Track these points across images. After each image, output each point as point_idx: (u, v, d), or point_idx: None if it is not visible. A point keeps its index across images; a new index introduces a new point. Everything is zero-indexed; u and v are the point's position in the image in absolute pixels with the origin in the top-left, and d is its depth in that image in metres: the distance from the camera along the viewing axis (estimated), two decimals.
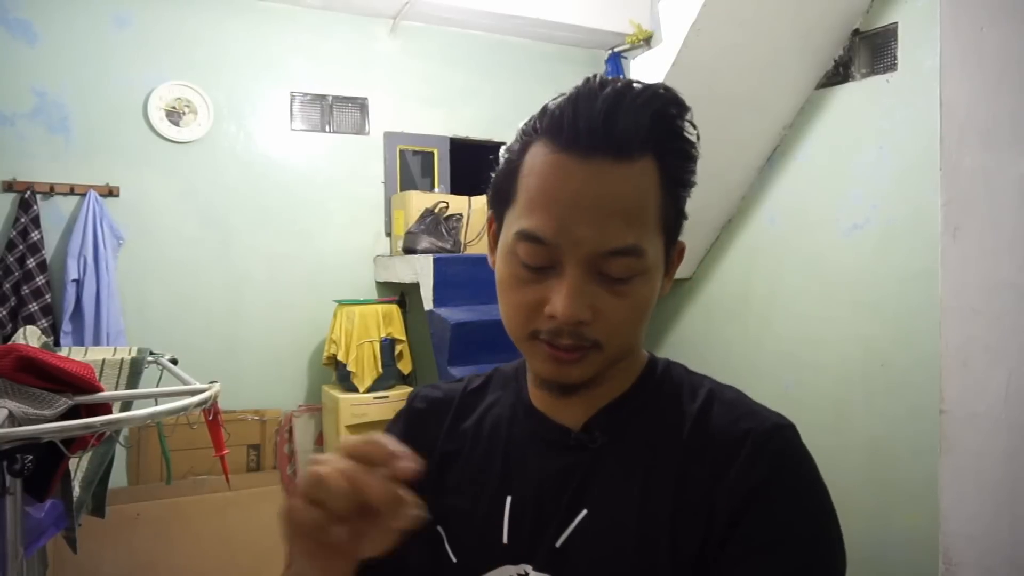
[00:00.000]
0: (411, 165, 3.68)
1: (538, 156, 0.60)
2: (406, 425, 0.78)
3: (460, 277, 3.01)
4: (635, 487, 0.63)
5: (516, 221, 0.61)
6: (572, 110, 0.58)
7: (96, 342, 2.94)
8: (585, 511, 0.64)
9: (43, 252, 2.95)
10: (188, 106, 3.26)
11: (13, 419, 1.34)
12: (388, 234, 3.64)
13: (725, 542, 0.59)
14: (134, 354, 2.07)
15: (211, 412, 1.82)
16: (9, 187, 2.97)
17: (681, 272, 3.46)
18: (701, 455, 0.63)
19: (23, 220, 2.91)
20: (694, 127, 0.63)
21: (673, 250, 0.66)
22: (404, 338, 3.34)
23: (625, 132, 0.57)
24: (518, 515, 0.67)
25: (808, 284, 2.95)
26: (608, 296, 0.60)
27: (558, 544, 0.64)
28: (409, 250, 3.25)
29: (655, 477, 0.63)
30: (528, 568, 0.65)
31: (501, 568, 0.66)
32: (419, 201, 3.36)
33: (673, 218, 0.64)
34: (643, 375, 0.70)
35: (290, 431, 3.43)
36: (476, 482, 0.70)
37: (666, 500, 0.62)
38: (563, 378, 0.63)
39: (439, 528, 0.70)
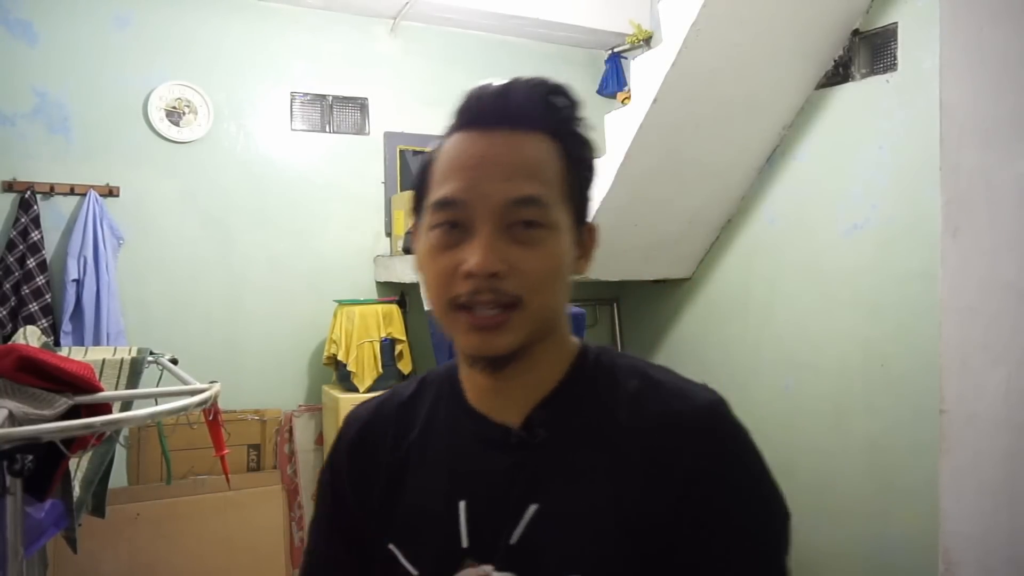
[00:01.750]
0: (411, 165, 3.68)
1: (446, 143, 0.68)
2: (351, 461, 0.77)
3: None
4: (581, 477, 0.65)
5: (431, 199, 0.67)
6: (471, 96, 0.67)
7: (96, 342, 2.94)
8: (535, 506, 0.65)
9: (43, 252, 2.95)
10: (188, 106, 3.26)
11: (13, 419, 1.35)
12: (388, 234, 3.64)
13: (676, 525, 0.62)
14: (134, 354, 2.08)
15: (211, 412, 1.82)
16: (9, 187, 2.97)
17: (681, 272, 3.46)
18: (639, 440, 0.65)
19: (23, 220, 2.91)
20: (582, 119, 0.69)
21: (583, 228, 0.70)
22: (404, 338, 3.34)
23: (520, 107, 0.65)
24: (474, 517, 0.67)
25: (808, 284, 2.95)
26: (520, 250, 0.63)
27: (513, 541, 0.65)
28: (409, 250, 3.25)
29: (599, 466, 0.65)
30: (489, 569, 0.65)
31: (464, 572, 0.66)
32: None
33: (579, 194, 0.69)
34: (575, 364, 0.71)
35: (290, 431, 3.43)
36: (428, 491, 0.71)
37: (611, 487, 0.64)
38: (490, 349, 0.64)
39: (391, 547, 0.71)
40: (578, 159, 0.68)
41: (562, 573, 0.62)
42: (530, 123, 0.65)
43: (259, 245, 3.41)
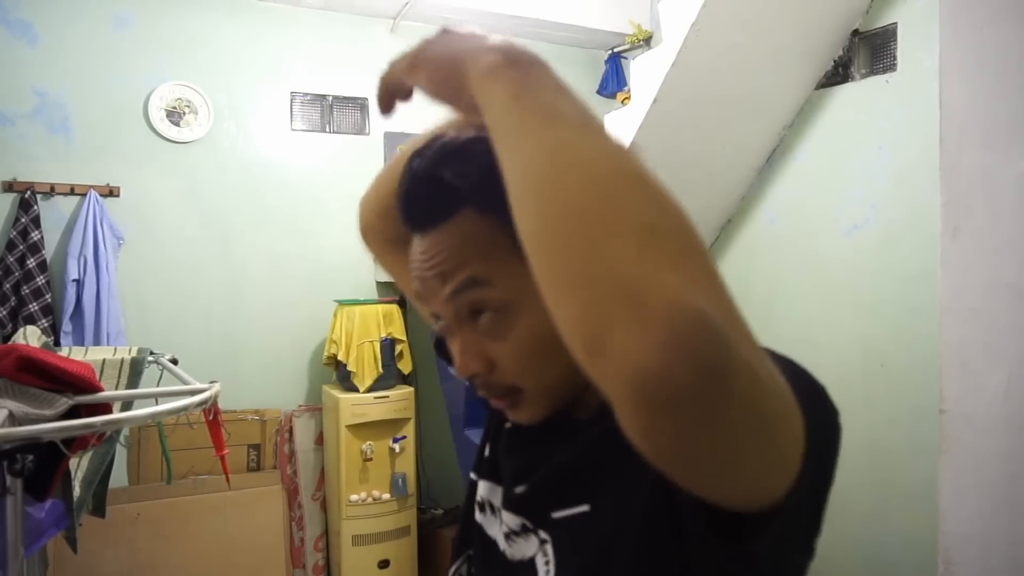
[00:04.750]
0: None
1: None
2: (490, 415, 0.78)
3: None
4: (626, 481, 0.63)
5: None
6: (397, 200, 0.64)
7: (96, 342, 2.94)
8: (587, 506, 0.61)
9: (43, 252, 2.95)
10: (188, 106, 3.26)
11: (13, 419, 1.35)
12: None
13: None
14: (134, 354, 2.08)
15: (211, 412, 1.82)
16: (9, 187, 2.97)
17: None
18: None
19: (23, 220, 2.91)
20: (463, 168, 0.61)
21: None
22: (404, 338, 3.34)
23: (423, 208, 0.62)
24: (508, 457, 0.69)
25: (808, 284, 2.95)
26: (492, 343, 0.60)
27: (518, 490, 0.65)
28: None
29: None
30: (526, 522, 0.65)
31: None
32: None
33: None
34: None
35: (290, 431, 3.43)
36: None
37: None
38: (519, 421, 0.64)
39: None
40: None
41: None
42: (443, 213, 0.60)
43: (259, 245, 3.41)
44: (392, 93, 0.61)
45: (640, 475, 0.45)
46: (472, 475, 0.78)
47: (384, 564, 3.15)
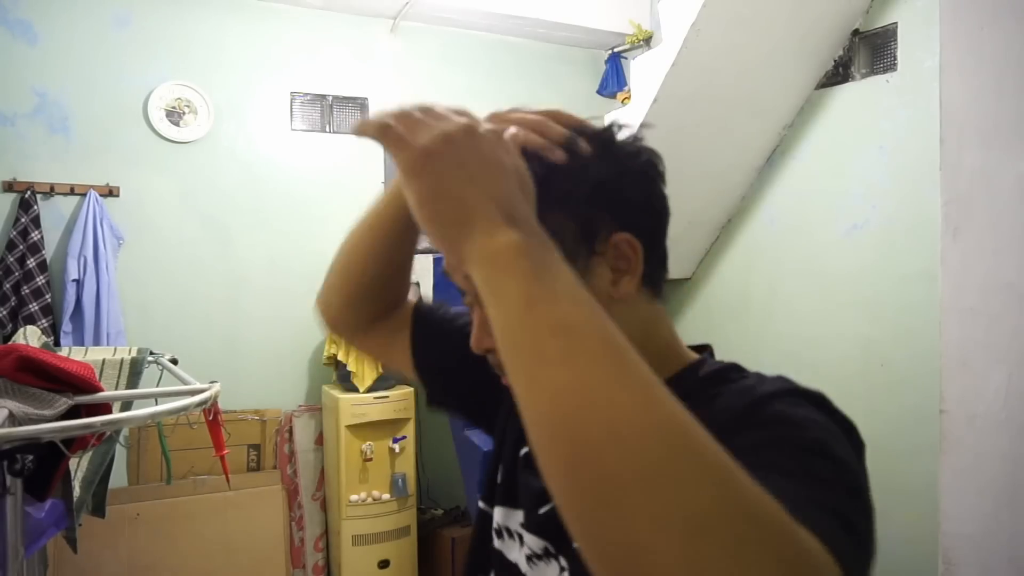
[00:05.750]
0: None
1: None
2: (498, 440, 0.81)
3: None
4: None
5: None
6: None
7: (96, 342, 2.94)
8: None
9: (43, 252, 2.95)
10: (188, 106, 3.26)
11: (13, 419, 1.34)
12: None
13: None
14: (134, 354, 2.07)
15: (211, 412, 1.82)
16: (9, 187, 2.97)
17: (681, 272, 3.46)
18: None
19: (23, 220, 2.91)
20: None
21: (607, 246, 0.60)
22: None
23: None
24: (527, 467, 0.70)
25: (808, 284, 2.95)
26: None
27: (541, 512, 0.66)
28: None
29: None
30: (522, 518, 0.67)
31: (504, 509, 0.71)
32: None
33: (584, 215, 0.60)
34: (673, 378, 0.64)
35: (290, 431, 3.43)
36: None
37: None
38: None
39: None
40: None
41: None
42: None
43: (259, 245, 3.41)
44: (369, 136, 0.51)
45: None
46: (482, 504, 0.78)
47: (384, 564, 3.15)
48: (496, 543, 0.73)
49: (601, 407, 0.38)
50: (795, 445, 0.49)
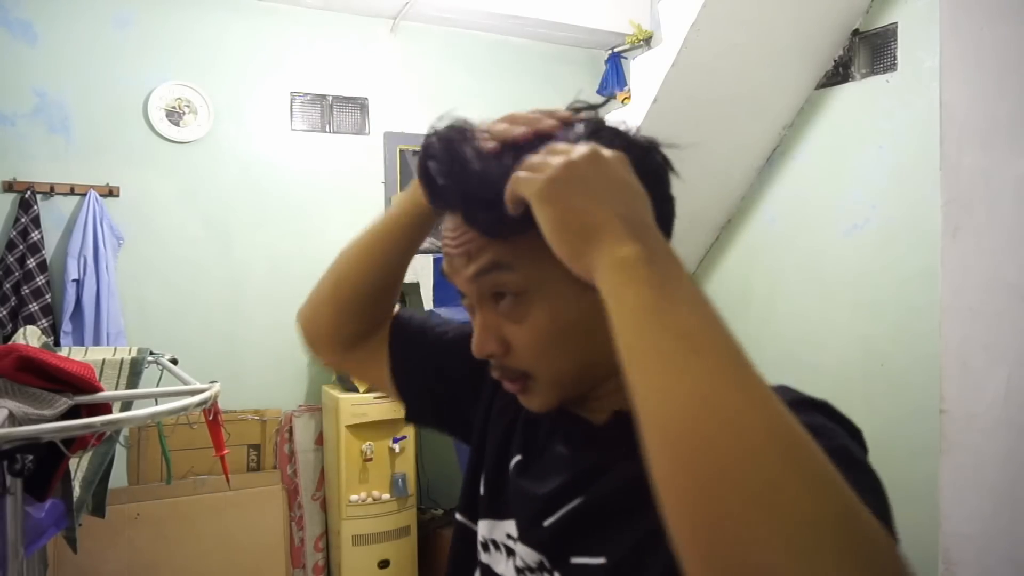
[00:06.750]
0: (411, 165, 3.68)
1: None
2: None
3: None
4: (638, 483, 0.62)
5: None
6: (423, 184, 0.63)
7: (96, 342, 2.94)
8: (580, 499, 0.62)
9: (43, 252, 2.95)
10: (188, 106, 3.26)
11: (13, 419, 1.35)
12: None
13: None
14: (134, 354, 2.08)
15: (211, 412, 1.82)
16: (9, 187, 2.97)
17: None
18: None
19: (23, 220, 2.91)
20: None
21: None
22: None
23: (484, 219, 0.59)
24: (519, 478, 0.69)
25: (808, 284, 2.95)
26: (510, 325, 0.61)
27: (546, 524, 0.63)
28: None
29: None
30: (513, 529, 0.66)
31: (488, 522, 0.69)
32: None
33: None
34: None
35: (290, 431, 3.43)
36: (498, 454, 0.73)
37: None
38: (529, 408, 0.64)
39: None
40: None
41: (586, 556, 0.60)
42: (503, 227, 0.59)
43: (259, 245, 3.41)
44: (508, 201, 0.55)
45: (657, 535, 0.43)
46: (459, 517, 0.76)
47: (384, 564, 3.16)
48: (483, 556, 0.71)
49: (722, 410, 0.40)
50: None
